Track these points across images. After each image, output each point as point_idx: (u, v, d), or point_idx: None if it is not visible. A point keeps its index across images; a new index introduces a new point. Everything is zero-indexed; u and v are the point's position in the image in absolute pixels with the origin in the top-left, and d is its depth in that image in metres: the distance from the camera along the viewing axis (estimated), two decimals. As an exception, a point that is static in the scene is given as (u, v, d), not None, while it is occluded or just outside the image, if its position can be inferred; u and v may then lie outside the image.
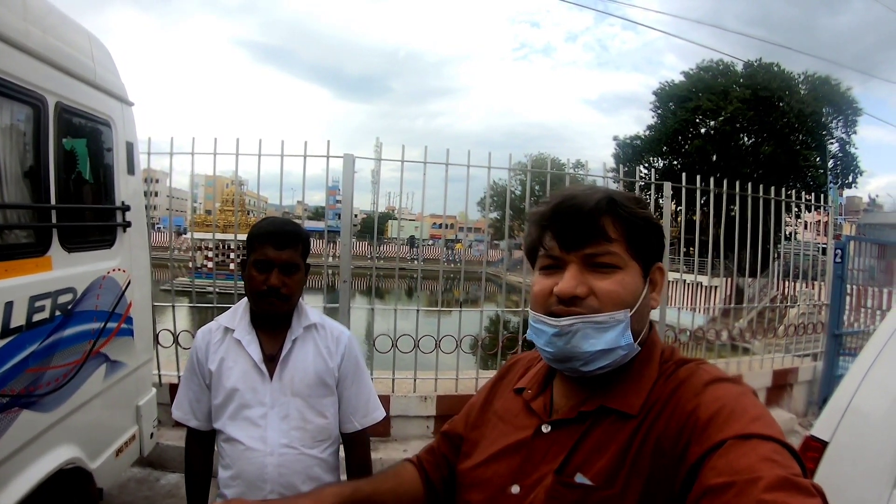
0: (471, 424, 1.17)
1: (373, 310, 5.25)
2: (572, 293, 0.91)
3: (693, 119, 32.08)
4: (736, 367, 5.99)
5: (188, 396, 1.92)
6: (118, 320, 2.96)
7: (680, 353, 1.01)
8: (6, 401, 2.08)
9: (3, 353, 2.06)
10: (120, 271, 2.98)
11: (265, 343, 1.86)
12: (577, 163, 22.36)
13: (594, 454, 0.90)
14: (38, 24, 2.36)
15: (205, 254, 19.00)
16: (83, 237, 2.80)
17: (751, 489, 0.68)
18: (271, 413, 1.81)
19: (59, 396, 2.43)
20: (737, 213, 5.94)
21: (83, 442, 2.62)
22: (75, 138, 2.73)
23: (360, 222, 50.75)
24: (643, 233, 0.95)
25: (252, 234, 1.84)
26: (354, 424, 1.96)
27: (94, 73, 2.83)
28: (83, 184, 2.86)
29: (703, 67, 33.77)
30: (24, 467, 2.22)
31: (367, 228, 48.36)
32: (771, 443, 0.75)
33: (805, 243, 8.00)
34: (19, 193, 2.34)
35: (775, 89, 30.04)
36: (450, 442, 1.21)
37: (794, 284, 7.39)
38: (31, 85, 2.31)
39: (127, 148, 3.21)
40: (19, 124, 2.33)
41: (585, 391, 0.98)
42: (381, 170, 5.72)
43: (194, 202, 27.37)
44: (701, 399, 0.85)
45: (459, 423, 1.22)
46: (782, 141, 29.87)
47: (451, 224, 30.46)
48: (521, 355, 1.25)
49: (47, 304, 2.34)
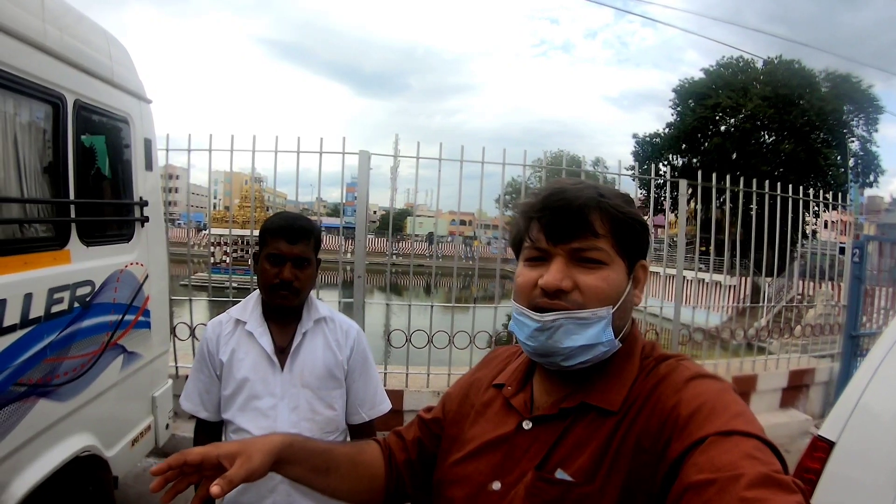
0: (449, 419, 1.16)
1: (388, 305, 5.30)
2: (557, 286, 0.91)
3: (713, 116, 31.80)
4: (751, 367, 5.95)
5: (197, 387, 1.94)
6: (136, 313, 3.01)
7: (661, 349, 1.01)
8: (25, 389, 2.14)
9: (23, 343, 2.12)
10: (138, 265, 3.04)
11: (276, 335, 1.90)
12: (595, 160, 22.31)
13: (575, 450, 0.90)
14: (55, 23, 2.41)
15: (223, 249, 19.14)
16: (101, 231, 2.85)
17: (732, 486, 0.68)
18: (281, 404, 1.84)
19: (77, 386, 2.48)
20: (754, 211, 5.89)
21: (99, 431, 2.67)
22: (94, 135, 2.79)
23: (378, 219, 50.76)
24: (629, 230, 0.95)
25: (265, 229, 1.87)
26: (362, 416, 2.00)
27: (112, 71, 2.88)
28: (102, 179, 2.91)
29: (722, 64, 33.49)
30: (42, 453, 2.28)
31: (384, 225, 48.33)
32: (752, 439, 0.75)
33: (824, 243, 7.88)
34: (39, 188, 2.40)
35: (795, 86, 29.72)
36: (428, 428, 1.20)
37: (812, 284, 7.31)
38: (50, 83, 2.36)
39: (145, 144, 3.26)
40: (39, 122, 2.39)
41: (566, 387, 0.98)
42: (398, 166, 5.75)
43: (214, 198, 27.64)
44: (682, 395, 0.85)
45: (438, 412, 1.21)
46: (803, 139, 29.55)
47: (469, 221, 30.30)
48: (500, 350, 1.25)
49: (66, 296, 2.39)
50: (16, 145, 2.24)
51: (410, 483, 1.17)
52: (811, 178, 27.65)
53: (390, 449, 1.20)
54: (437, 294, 5.27)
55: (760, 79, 31.74)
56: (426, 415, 1.23)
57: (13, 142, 2.23)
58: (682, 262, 6.01)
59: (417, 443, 1.19)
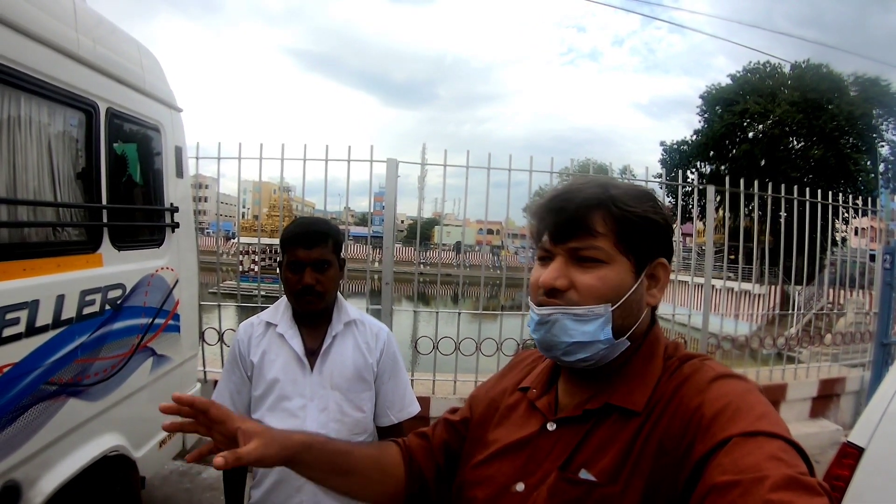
0: (475, 421, 1.16)
1: (415, 312, 5.32)
2: (551, 285, 0.93)
3: (740, 123, 31.37)
4: (781, 376, 5.85)
5: (229, 388, 1.97)
6: (166, 316, 3.07)
7: (684, 349, 1.00)
8: (55, 388, 2.20)
9: (54, 343, 2.17)
10: (168, 270, 3.10)
11: (306, 338, 1.93)
12: (623, 168, 22.12)
13: (598, 451, 0.90)
14: (89, 34, 2.48)
15: (251, 258, 19.39)
16: (133, 236, 2.92)
17: (757, 488, 0.67)
18: (310, 405, 1.86)
19: (107, 387, 2.54)
20: (782, 217, 5.81)
21: (128, 431, 2.73)
22: (126, 142, 2.86)
23: (405, 228, 50.86)
24: (638, 228, 0.94)
25: (283, 238, 1.91)
26: (391, 418, 2.01)
27: (144, 81, 2.96)
28: (133, 185, 2.98)
29: (749, 70, 33.06)
30: (72, 451, 2.33)
31: (412, 234, 48.39)
32: (777, 441, 0.74)
33: (854, 249, 7.73)
34: (72, 194, 2.46)
35: (824, 91, 29.21)
36: (455, 430, 1.19)
37: (842, 292, 7.17)
38: (84, 92, 2.44)
39: (176, 152, 3.34)
40: (73, 129, 2.46)
41: (590, 389, 0.98)
42: (425, 175, 5.78)
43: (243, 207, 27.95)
44: (705, 396, 0.85)
45: (467, 413, 1.21)
46: (832, 144, 28.99)
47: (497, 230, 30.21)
48: (525, 353, 1.25)
49: (97, 299, 2.45)
50: (50, 151, 2.31)
51: (435, 490, 1.16)
52: (841, 183, 27.13)
53: (411, 451, 1.19)
54: (464, 303, 5.27)
55: (788, 84, 31.24)
56: (452, 416, 1.23)
57: (48, 148, 2.30)
58: (710, 271, 5.95)
59: (444, 447, 1.19)
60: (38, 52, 2.16)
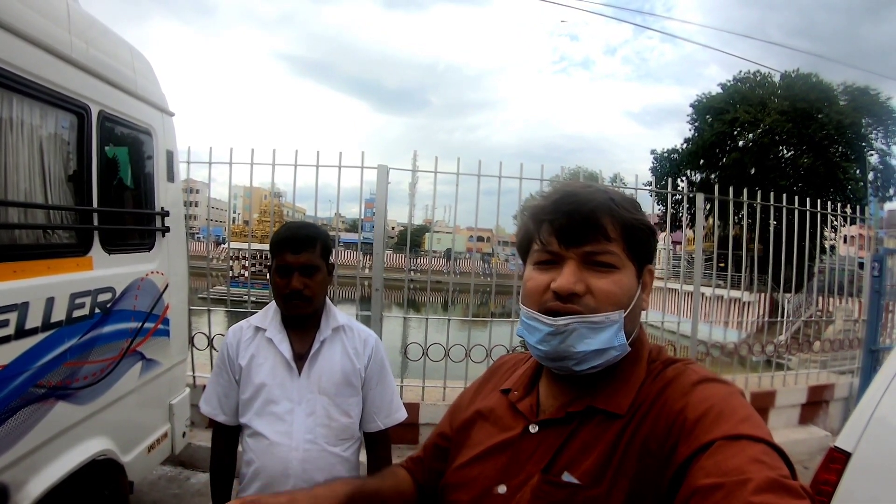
0: (456, 427, 1.16)
1: (405, 319, 5.32)
2: (571, 289, 0.90)
3: (730, 131, 31.67)
4: (770, 383, 5.88)
5: (217, 391, 1.97)
6: (155, 321, 3.06)
7: (667, 353, 1.01)
8: (44, 391, 2.18)
9: (43, 345, 2.17)
10: (158, 274, 3.09)
11: (295, 342, 1.93)
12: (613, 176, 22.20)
13: (581, 454, 0.90)
14: (81, 36, 2.48)
15: (242, 263, 19.30)
16: (123, 240, 2.91)
17: (740, 491, 0.68)
18: (298, 409, 1.86)
19: (95, 390, 2.53)
20: (772, 225, 5.85)
21: (116, 436, 2.71)
22: (117, 146, 2.85)
23: (396, 234, 50.80)
24: (639, 234, 0.95)
25: (272, 242, 1.91)
26: (378, 424, 2.02)
27: (136, 84, 2.95)
28: (124, 189, 2.97)
29: (740, 79, 33.39)
30: (59, 455, 2.32)
31: (402, 241, 48.32)
32: (760, 444, 0.75)
33: (843, 257, 7.78)
34: (63, 196, 2.46)
35: (814, 100, 29.55)
36: (438, 448, 1.20)
37: (831, 300, 7.22)
38: (76, 94, 2.43)
39: (167, 156, 3.33)
40: (64, 131, 2.46)
41: (573, 391, 0.98)
42: (416, 182, 5.79)
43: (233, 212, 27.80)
44: (689, 399, 0.85)
45: (445, 426, 1.22)
46: (821, 153, 29.32)
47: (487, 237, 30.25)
48: (508, 357, 1.25)
49: (87, 302, 2.44)
50: (41, 153, 2.31)
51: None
52: (830, 192, 27.38)
53: (415, 476, 1.22)
54: (454, 309, 5.27)
55: (778, 93, 31.59)
56: (431, 440, 1.25)
57: (39, 150, 2.30)
58: (700, 278, 5.97)
59: (432, 471, 1.20)
60: (30, 53, 2.16)
